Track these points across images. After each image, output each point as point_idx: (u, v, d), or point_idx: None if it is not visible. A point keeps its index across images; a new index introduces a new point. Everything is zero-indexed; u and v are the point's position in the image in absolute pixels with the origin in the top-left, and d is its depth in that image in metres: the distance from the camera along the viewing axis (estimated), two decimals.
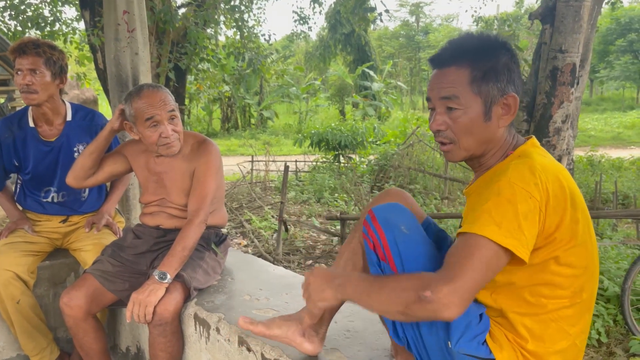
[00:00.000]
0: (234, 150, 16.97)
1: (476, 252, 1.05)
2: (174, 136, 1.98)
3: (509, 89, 1.19)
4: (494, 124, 1.20)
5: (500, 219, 1.05)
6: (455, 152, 1.24)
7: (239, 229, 6.81)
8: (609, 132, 20.32)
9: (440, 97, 1.21)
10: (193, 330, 1.91)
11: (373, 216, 1.31)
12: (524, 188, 1.06)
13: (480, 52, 1.19)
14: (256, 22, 10.53)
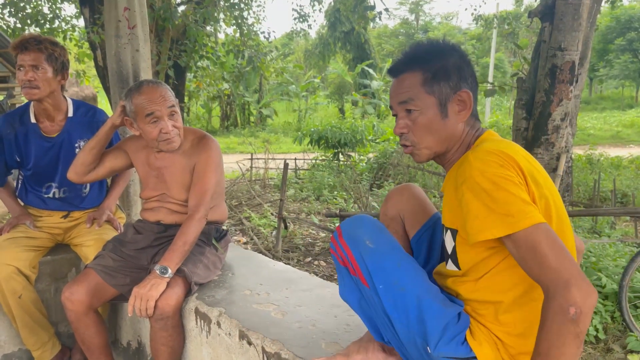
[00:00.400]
0: (233, 148, 16.97)
1: (547, 238, 1.04)
2: (174, 132, 2.00)
3: (462, 86, 1.26)
4: (452, 121, 1.27)
5: (507, 208, 1.06)
6: (418, 152, 1.31)
7: (238, 226, 6.82)
8: (608, 131, 20.34)
9: (398, 102, 1.30)
10: (194, 325, 1.92)
11: (340, 232, 1.36)
12: (495, 173, 1.09)
13: (429, 55, 1.28)
14: (256, 20, 10.53)
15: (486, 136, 1.28)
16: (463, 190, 1.13)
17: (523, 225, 1.04)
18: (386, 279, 1.24)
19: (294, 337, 1.61)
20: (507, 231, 1.06)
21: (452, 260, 1.26)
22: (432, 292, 1.24)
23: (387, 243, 1.31)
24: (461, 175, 1.15)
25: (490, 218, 1.08)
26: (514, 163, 1.12)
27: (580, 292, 0.98)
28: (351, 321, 1.71)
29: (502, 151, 1.13)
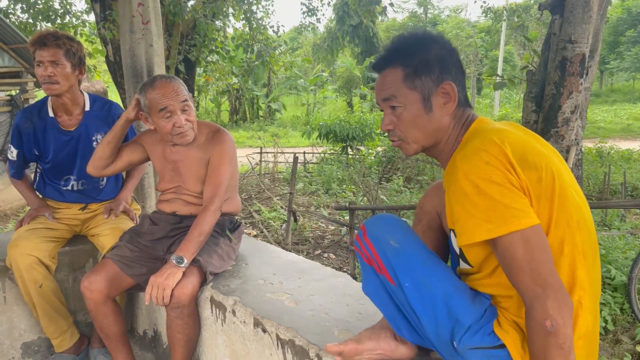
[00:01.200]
0: (243, 142, 17.04)
1: (526, 249, 1.05)
2: (188, 125, 2.04)
3: (445, 78, 1.25)
4: (437, 114, 1.26)
5: (488, 214, 1.07)
6: (405, 147, 1.31)
7: (248, 219, 6.88)
8: (619, 124, 20.16)
9: (382, 99, 1.30)
10: (209, 313, 1.97)
11: (364, 231, 1.37)
12: (478, 175, 1.08)
13: (409, 49, 1.27)
14: (265, 14, 10.55)
15: (476, 125, 1.26)
16: (450, 192, 1.15)
17: (500, 231, 1.06)
18: (413, 277, 1.25)
19: (307, 325, 1.65)
20: (486, 236, 1.08)
21: (462, 259, 1.28)
22: (459, 288, 1.24)
23: (411, 242, 1.32)
24: (449, 177, 1.17)
25: (470, 222, 1.10)
26: (502, 155, 1.10)
27: (553, 304, 1.01)
28: (363, 310, 1.75)
29: (490, 144, 1.12)
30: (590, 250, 1.16)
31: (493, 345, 1.18)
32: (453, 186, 1.13)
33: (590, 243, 1.17)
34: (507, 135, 1.15)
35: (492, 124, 1.25)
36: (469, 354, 1.19)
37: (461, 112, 1.28)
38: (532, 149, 1.14)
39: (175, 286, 1.85)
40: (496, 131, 1.17)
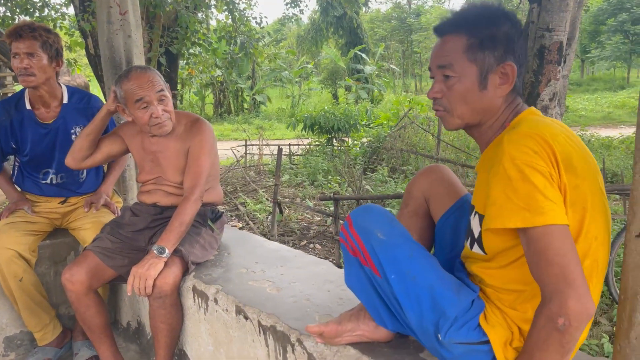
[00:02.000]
0: (227, 135, 16.96)
1: (559, 245, 1.02)
2: (165, 116, 2.04)
3: (508, 58, 1.18)
4: (491, 93, 1.20)
5: (527, 201, 1.03)
6: (449, 119, 1.25)
7: (234, 212, 6.87)
8: (600, 112, 20.44)
9: (437, 66, 1.22)
10: (192, 302, 1.99)
11: (350, 222, 1.34)
12: (526, 161, 1.04)
13: (479, 20, 1.19)
14: (247, 6, 10.45)
15: (525, 114, 1.21)
16: (492, 174, 1.10)
17: (537, 222, 1.02)
18: (398, 269, 1.25)
19: (288, 310, 1.67)
20: (520, 224, 1.04)
21: (478, 244, 1.24)
22: (445, 281, 1.24)
23: (398, 234, 1.31)
24: (494, 158, 1.11)
25: (507, 207, 1.06)
26: (549, 149, 1.06)
27: (575, 304, 0.99)
28: (344, 295, 1.77)
29: (539, 134, 1.08)
30: (605, 265, 1.18)
31: (478, 341, 1.18)
32: (496, 168, 1.09)
33: (607, 259, 1.19)
34: (557, 133, 1.10)
35: (544, 117, 1.20)
36: (453, 347, 1.19)
37: (513, 98, 1.23)
38: (578, 156, 1.11)
39: (157, 276, 1.86)
40: (548, 126, 1.12)
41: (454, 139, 10.23)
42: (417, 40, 33.17)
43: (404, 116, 10.61)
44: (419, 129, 10.08)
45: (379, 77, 24.74)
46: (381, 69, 25.50)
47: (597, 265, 1.15)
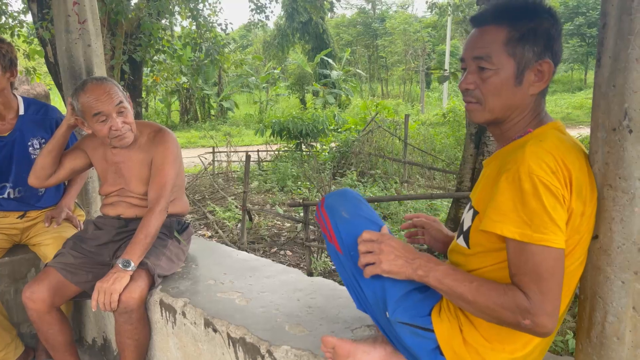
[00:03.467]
0: (195, 142, 16.75)
1: (552, 265, 1.05)
2: (125, 128, 1.99)
3: (546, 55, 1.16)
4: (524, 90, 1.17)
5: (531, 217, 1.04)
6: (479, 112, 1.22)
7: (202, 220, 6.78)
8: (559, 113, 21.07)
9: (473, 57, 1.19)
10: (159, 317, 1.95)
11: (322, 202, 1.41)
12: (543, 178, 1.04)
13: (521, 13, 1.16)
14: (212, 12, 10.36)
15: (550, 127, 1.19)
16: (503, 177, 1.09)
17: (535, 240, 1.04)
18: (356, 248, 1.28)
19: (258, 321, 1.66)
20: (518, 237, 1.05)
21: (464, 238, 1.26)
22: None
23: (362, 214, 1.35)
24: (510, 162, 1.09)
25: (510, 216, 1.06)
26: (567, 172, 1.07)
27: (545, 322, 1.04)
28: (313, 303, 1.77)
29: (561, 156, 1.07)
30: (577, 282, 1.21)
31: (423, 327, 1.21)
32: (511, 174, 1.07)
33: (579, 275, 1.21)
34: (576, 159, 1.11)
35: (568, 136, 1.19)
36: (399, 327, 1.22)
37: (540, 99, 1.22)
38: (589, 184, 1.12)
39: (122, 291, 1.81)
40: (570, 149, 1.11)
41: (420, 142, 10.38)
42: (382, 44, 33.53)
43: (371, 120, 10.71)
44: (386, 133, 10.18)
45: (345, 81, 24.89)
46: (348, 74, 25.67)
47: (571, 288, 1.19)
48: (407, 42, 29.49)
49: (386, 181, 8.30)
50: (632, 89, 1.05)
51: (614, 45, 1.09)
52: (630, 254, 1.09)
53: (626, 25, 1.06)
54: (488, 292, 1.10)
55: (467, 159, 4.53)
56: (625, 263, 1.10)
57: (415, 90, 31.27)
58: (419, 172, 8.86)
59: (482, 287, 1.11)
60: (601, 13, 1.15)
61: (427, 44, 29.50)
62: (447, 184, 8.00)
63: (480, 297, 1.10)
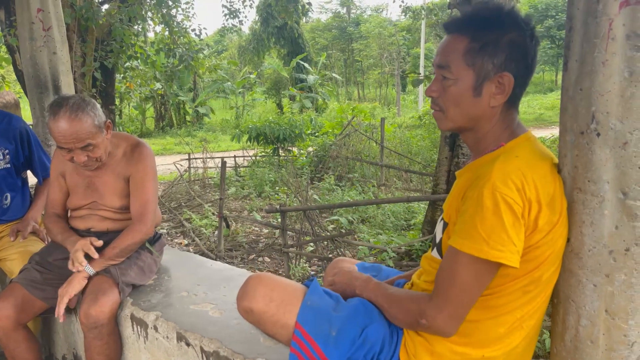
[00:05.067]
0: (170, 149, 16.54)
1: (466, 272, 1.09)
2: (90, 161, 1.93)
3: (508, 68, 1.14)
4: (484, 102, 1.16)
5: (489, 233, 1.05)
6: (442, 121, 1.23)
7: (178, 228, 6.68)
8: (532, 114, 21.46)
9: (437, 65, 1.20)
10: (131, 331, 1.89)
11: (302, 329, 1.28)
12: (506, 195, 1.05)
13: (484, 23, 1.14)
14: (185, 17, 10.26)
15: (522, 140, 1.19)
16: (470, 193, 1.11)
17: (491, 257, 1.05)
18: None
19: (232, 334, 1.62)
20: (475, 254, 1.06)
21: (437, 249, 1.27)
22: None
23: (347, 322, 1.28)
24: (479, 177, 1.11)
25: (470, 233, 1.07)
26: (535, 190, 1.07)
27: (442, 321, 1.12)
28: None
29: (530, 172, 1.08)
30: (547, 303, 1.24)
31: None
32: (477, 190, 1.08)
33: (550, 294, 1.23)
34: (547, 172, 1.12)
35: (539, 146, 1.19)
36: None
37: (507, 110, 1.19)
38: (559, 192, 1.13)
39: (92, 305, 1.76)
40: (540, 162, 1.13)
41: (397, 145, 10.44)
42: (357, 48, 33.71)
43: (348, 124, 10.72)
44: (363, 137, 10.20)
45: (322, 85, 24.94)
46: (324, 78, 25.72)
47: (547, 294, 1.20)
48: (382, 46, 29.70)
49: (364, 185, 8.32)
50: (599, 92, 1.05)
51: (581, 48, 1.10)
52: (601, 257, 1.09)
53: (592, 29, 1.06)
54: (399, 300, 1.24)
55: (442, 161, 4.55)
56: (596, 266, 1.10)
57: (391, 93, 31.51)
58: (396, 175, 8.89)
59: (395, 295, 1.26)
60: (567, 16, 1.15)
61: (401, 48, 29.76)
62: (424, 186, 8.05)
63: (393, 304, 1.24)
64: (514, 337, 1.19)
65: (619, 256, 1.07)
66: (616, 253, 1.07)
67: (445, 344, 1.20)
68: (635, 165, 1.03)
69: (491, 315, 1.17)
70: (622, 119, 1.03)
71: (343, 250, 4.84)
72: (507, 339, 1.18)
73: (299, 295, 1.33)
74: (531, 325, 1.20)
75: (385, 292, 1.30)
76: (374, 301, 1.31)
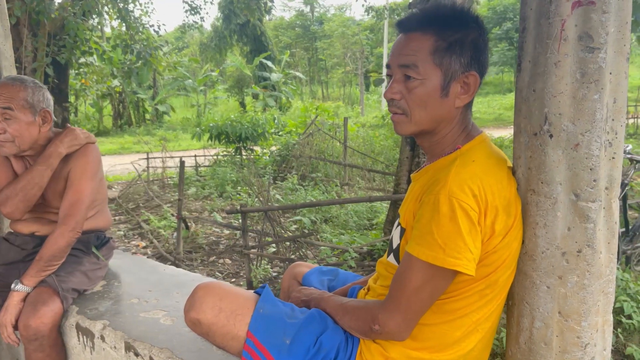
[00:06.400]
0: (129, 148, 16.10)
1: (420, 278, 1.06)
2: (4, 136, 1.80)
3: (472, 67, 1.13)
4: (450, 102, 1.14)
5: (445, 240, 1.02)
6: (405, 124, 1.17)
7: (136, 230, 6.49)
8: (492, 114, 22.00)
9: (399, 65, 1.14)
10: (76, 341, 1.79)
11: (254, 338, 1.23)
12: (463, 201, 1.02)
13: (448, 21, 1.12)
14: (143, 12, 10.00)
15: (477, 142, 1.17)
16: (426, 198, 1.08)
17: (447, 264, 1.03)
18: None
19: (183, 342, 1.55)
20: (432, 261, 1.04)
21: (394, 255, 1.24)
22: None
23: (299, 330, 1.24)
24: (436, 183, 1.08)
25: (426, 239, 1.05)
26: (490, 195, 1.05)
27: (394, 327, 1.11)
28: None
29: (486, 177, 1.07)
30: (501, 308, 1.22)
31: None
32: (432, 196, 1.05)
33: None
34: (502, 177, 1.11)
35: (493, 148, 1.18)
36: None
37: (466, 112, 1.19)
38: (514, 196, 1.12)
39: (31, 316, 1.66)
40: (493, 168, 1.11)
41: (360, 144, 10.47)
42: (321, 47, 33.74)
43: (311, 123, 10.69)
44: (326, 136, 10.19)
45: (286, 84, 24.83)
46: (288, 77, 25.62)
47: (503, 297, 1.19)
48: (346, 45, 29.84)
49: (327, 184, 8.30)
50: (551, 94, 1.05)
51: (534, 49, 1.09)
52: (554, 259, 1.09)
53: (545, 29, 1.05)
54: (352, 309, 1.22)
55: (403, 161, 4.58)
56: (549, 268, 1.10)
57: (355, 92, 31.71)
58: (359, 175, 8.92)
59: (348, 305, 1.24)
60: (521, 17, 1.14)
61: (365, 47, 29.96)
62: (386, 186, 8.10)
63: (347, 314, 1.23)
64: (469, 341, 1.17)
65: (571, 258, 1.07)
66: (569, 255, 1.07)
67: (401, 350, 1.17)
68: (587, 166, 1.02)
69: (447, 319, 1.15)
70: (574, 121, 1.02)
71: (305, 251, 4.81)
72: (463, 343, 1.17)
73: (250, 305, 1.27)
74: (487, 327, 1.18)
75: (339, 303, 1.28)
76: (329, 313, 1.29)
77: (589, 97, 1.01)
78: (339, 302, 1.29)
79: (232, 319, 1.24)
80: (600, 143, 1.02)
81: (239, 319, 1.24)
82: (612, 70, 1.01)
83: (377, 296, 1.28)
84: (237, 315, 1.25)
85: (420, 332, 1.16)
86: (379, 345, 1.19)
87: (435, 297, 1.10)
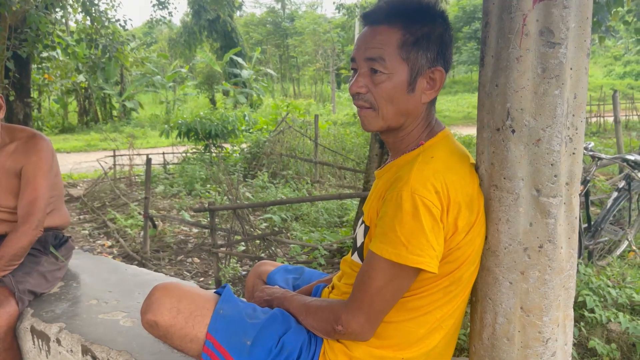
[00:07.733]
0: (95, 145, 15.72)
1: (383, 276, 1.05)
2: None
3: (438, 63, 1.13)
4: (417, 98, 1.13)
5: (408, 237, 1.01)
6: (374, 119, 1.15)
7: (102, 229, 6.33)
8: (461, 112, 22.34)
9: (365, 58, 1.12)
10: (31, 345, 1.72)
11: (214, 340, 1.20)
12: (425, 198, 1.01)
13: (416, 15, 1.11)
14: (109, 6, 9.75)
15: (440, 138, 1.17)
16: (389, 196, 1.06)
17: (410, 262, 1.01)
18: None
19: (143, 344, 1.51)
20: (394, 259, 1.02)
21: (358, 254, 1.22)
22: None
23: (260, 330, 1.21)
24: (399, 179, 1.07)
25: (389, 237, 1.03)
26: (453, 192, 1.05)
27: (357, 326, 1.09)
28: None
29: (449, 173, 1.06)
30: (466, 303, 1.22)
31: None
32: (395, 192, 1.04)
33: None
34: (465, 174, 1.10)
35: (456, 144, 1.17)
36: None
37: (431, 108, 1.18)
38: (477, 192, 1.12)
39: None
40: (456, 164, 1.10)
41: (331, 142, 10.47)
42: (292, 44, 33.62)
43: (282, 121, 10.64)
44: (297, 133, 10.15)
45: (257, 81, 24.63)
46: (259, 73, 25.43)
47: (467, 293, 1.19)
48: (317, 42, 29.80)
49: (298, 182, 8.26)
50: (513, 89, 1.04)
51: (496, 44, 1.08)
52: (516, 254, 1.09)
53: (507, 24, 1.05)
54: (315, 309, 1.20)
55: (372, 158, 4.58)
56: (512, 263, 1.10)
57: (326, 90, 31.70)
58: (330, 172, 8.91)
59: (311, 305, 1.22)
60: (483, 11, 1.14)
61: (336, 45, 29.99)
62: (357, 183, 8.12)
63: (310, 314, 1.21)
64: (433, 338, 1.16)
65: (533, 253, 1.07)
66: (530, 250, 1.07)
67: (364, 348, 1.16)
68: (548, 162, 1.02)
69: (411, 317, 1.14)
70: (536, 116, 1.02)
71: (275, 249, 4.77)
72: (427, 340, 1.16)
73: (209, 306, 1.23)
74: (450, 324, 1.18)
75: (302, 302, 1.26)
76: (292, 313, 1.27)
77: (550, 93, 1.01)
78: (302, 301, 1.26)
79: (190, 320, 1.20)
80: (561, 138, 1.02)
81: (198, 320, 1.20)
82: (573, 66, 1.02)
83: (341, 294, 1.26)
84: (196, 316, 1.21)
85: (384, 330, 1.15)
86: (343, 345, 1.18)
87: (398, 295, 1.08)
